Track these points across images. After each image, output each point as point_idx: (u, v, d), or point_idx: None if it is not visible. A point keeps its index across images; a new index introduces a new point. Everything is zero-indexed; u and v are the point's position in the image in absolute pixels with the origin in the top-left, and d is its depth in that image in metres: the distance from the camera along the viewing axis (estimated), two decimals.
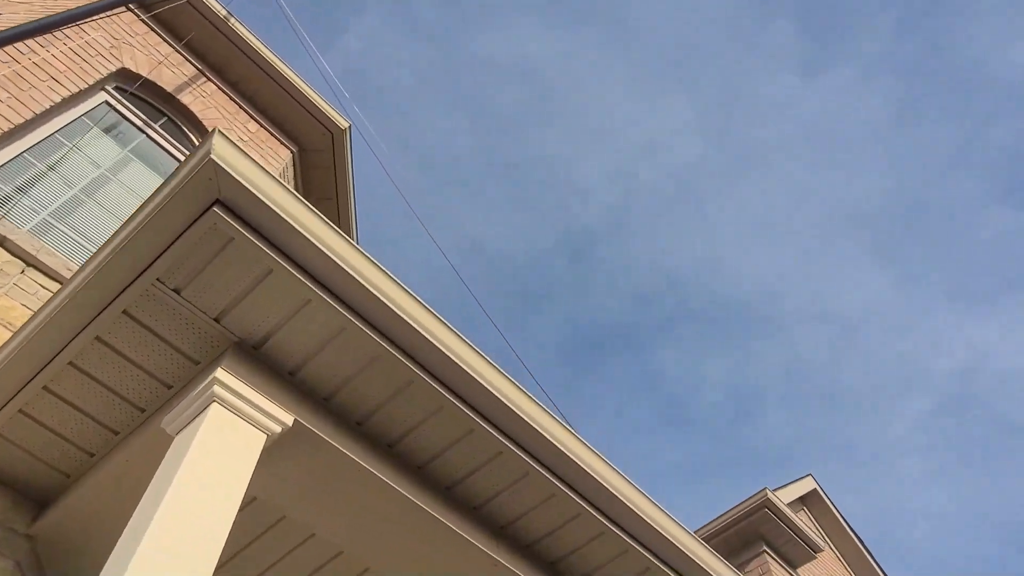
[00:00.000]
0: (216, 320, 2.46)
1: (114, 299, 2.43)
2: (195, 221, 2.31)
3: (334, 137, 6.43)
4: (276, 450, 2.51)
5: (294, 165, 6.36)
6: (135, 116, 5.14)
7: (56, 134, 4.51)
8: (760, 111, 26.08)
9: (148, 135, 5.18)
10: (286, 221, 2.34)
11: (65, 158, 4.51)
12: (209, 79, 5.93)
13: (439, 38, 26.15)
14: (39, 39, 4.65)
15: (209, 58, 6.01)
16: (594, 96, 26.04)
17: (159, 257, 2.36)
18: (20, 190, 4.15)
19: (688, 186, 27.97)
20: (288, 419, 2.45)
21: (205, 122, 5.56)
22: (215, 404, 2.30)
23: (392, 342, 2.55)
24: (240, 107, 6.04)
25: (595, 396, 31.32)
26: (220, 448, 2.22)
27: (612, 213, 29.48)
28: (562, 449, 2.83)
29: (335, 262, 2.41)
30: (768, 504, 7.91)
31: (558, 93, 26.76)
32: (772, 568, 7.79)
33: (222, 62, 6.03)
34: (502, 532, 2.99)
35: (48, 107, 4.42)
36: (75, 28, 4.94)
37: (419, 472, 2.81)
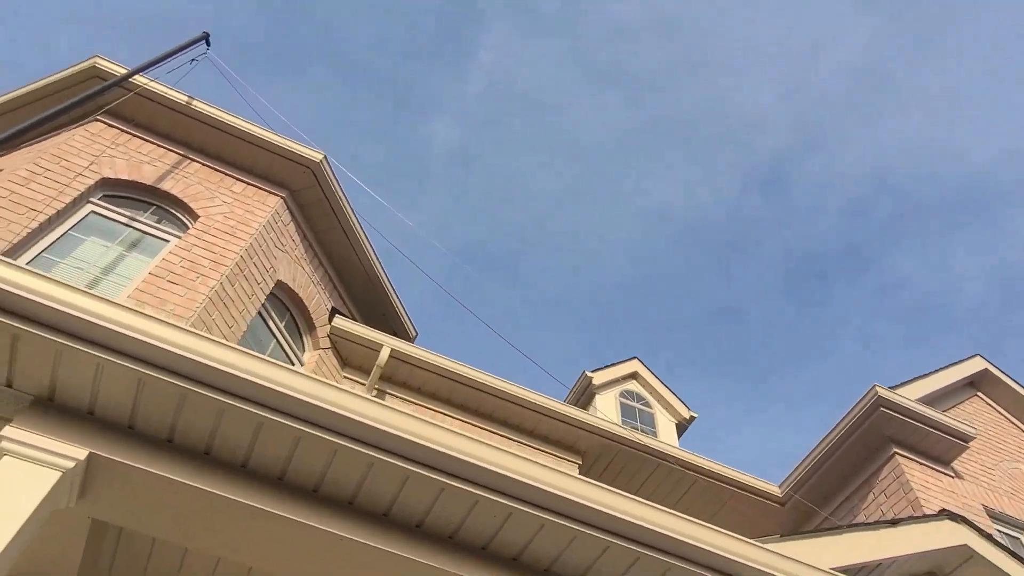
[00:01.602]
0: (8, 385, 2.87)
1: None
2: None
3: (315, 172, 6.86)
4: (90, 480, 2.86)
5: (289, 208, 6.88)
6: (122, 216, 5.93)
7: (45, 253, 5.36)
8: None
9: (137, 228, 5.95)
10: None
11: (61, 266, 5.35)
12: (192, 160, 6.63)
13: (566, 25, 25.96)
14: (24, 170, 5.57)
15: (190, 142, 6.72)
16: (740, 21, 24.32)
17: None
18: None
19: (872, 74, 24.90)
20: (82, 453, 2.79)
21: (187, 199, 6.24)
22: (6, 457, 2.70)
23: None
24: (224, 175, 6.67)
25: (831, 328, 29.06)
26: (10, 489, 2.61)
27: (796, 131, 27.30)
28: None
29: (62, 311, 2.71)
30: (883, 402, 7.03)
31: (702, 33, 25.43)
32: (908, 469, 6.91)
33: (200, 141, 6.71)
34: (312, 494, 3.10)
35: (34, 228, 5.29)
36: (54, 157, 5.83)
37: (242, 470, 3.02)
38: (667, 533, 3.20)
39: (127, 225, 5.92)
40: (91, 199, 5.89)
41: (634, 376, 10.41)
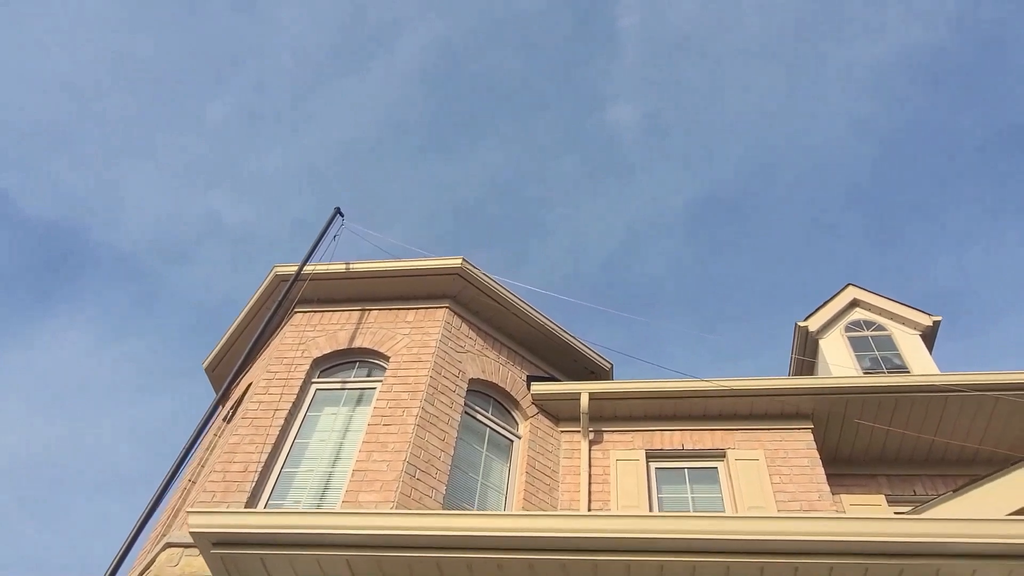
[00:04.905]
0: None
1: None
2: None
3: (460, 275, 7.75)
4: None
5: (456, 313, 7.81)
6: (336, 383, 7.27)
7: (297, 439, 6.78)
8: None
9: (352, 388, 7.25)
10: None
11: (312, 444, 6.74)
12: (369, 310, 7.87)
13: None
14: (262, 380, 7.12)
15: (362, 297, 7.99)
16: None
17: None
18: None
19: None
20: None
21: (375, 346, 7.42)
22: None
23: None
24: (396, 311, 7.82)
25: None
26: None
27: None
28: None
29: None
30: None
31: None
32: None
33: (369, 293, 7.95)
34: None
35: (280, 424, 6.74)
36: (276, 359, 7.35)
37: None
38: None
39: (342, 389, 7.24)
40: (313, 380, 7.32)
41: (855, 304, 9.79)
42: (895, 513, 6.77)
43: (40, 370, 26.34)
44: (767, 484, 6.88)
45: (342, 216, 8.35)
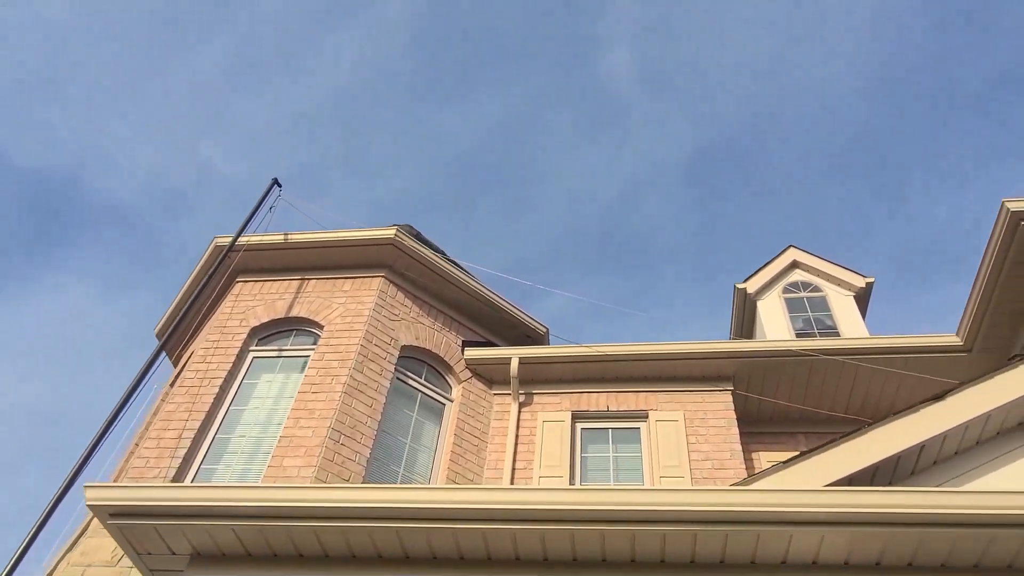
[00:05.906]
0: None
1: None
2: None
3: (395, 244, 7.93)
4: None
5: (392, 282, 8.03)
6: (272, 351, 7.53)
7: (233, 406, 7.08)
8: None
9: (287, 356, 7.51)
10: None
11: (247, 411, 7.03)
12: (307, 279, 8.08)
13: None
14: (201, 349, 7.37)
15: (301, 267, 8.19)
16: None
17: None
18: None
19: None
20: None
21: (311, 316, 7.66)
22: None
23: None
24: (334, 280, 8.03)
25: None
26: None
27: None
28: None
29: None
30: None
31: None
32: None
33: (307, 263, 8.14)
34: None
35: (216, 393, 7.02)
36: (216, 328, 7.60)
37: None
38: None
39: (278, 357, 7.51)
40: (250, 349, 7.57)
41: (795, 266, 10.01)
42: None
43: (41, 324, 26.71)
44: (683, 444, 7.21)
45: (279, 187, 8.49)
